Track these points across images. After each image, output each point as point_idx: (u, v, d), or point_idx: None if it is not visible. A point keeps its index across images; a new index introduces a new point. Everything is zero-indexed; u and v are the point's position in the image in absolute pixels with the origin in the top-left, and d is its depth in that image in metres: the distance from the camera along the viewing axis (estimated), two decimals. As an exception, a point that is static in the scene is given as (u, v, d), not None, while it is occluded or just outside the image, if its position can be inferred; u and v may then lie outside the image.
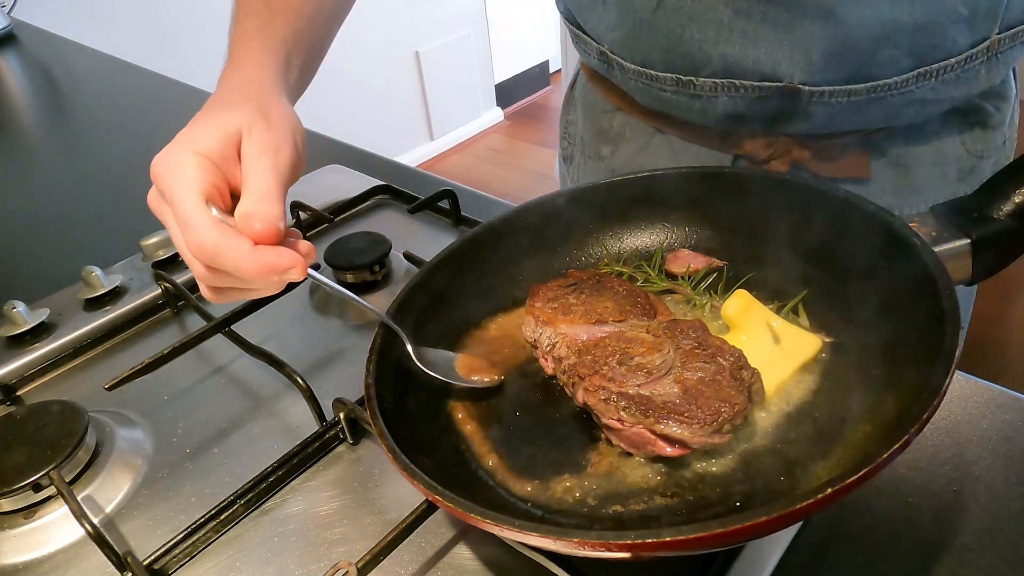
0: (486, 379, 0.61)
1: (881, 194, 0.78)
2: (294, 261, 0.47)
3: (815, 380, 0.56)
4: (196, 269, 0.50)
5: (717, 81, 0.69)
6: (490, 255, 0.70)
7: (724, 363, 0.54)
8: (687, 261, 0.68)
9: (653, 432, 0.50)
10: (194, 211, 0.47)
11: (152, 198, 0.51)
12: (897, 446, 0.39)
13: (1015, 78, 0.81)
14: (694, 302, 0.65)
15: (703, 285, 0.66)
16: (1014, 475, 0.54)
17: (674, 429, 0.50)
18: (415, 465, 0.47)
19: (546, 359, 0.61)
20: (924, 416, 0.40)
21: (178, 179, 0.48)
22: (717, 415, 0.50)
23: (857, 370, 0.54)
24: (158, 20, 2.48)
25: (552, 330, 0.61)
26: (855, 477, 0.38)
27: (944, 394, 0.42)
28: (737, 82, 0.68)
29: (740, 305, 0.60)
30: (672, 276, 0.68)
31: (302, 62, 0.63)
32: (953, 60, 0.65)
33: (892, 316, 0.54)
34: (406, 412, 0.56)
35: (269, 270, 0.47)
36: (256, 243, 0.47)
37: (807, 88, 0.66)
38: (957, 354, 0.43)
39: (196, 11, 2.54)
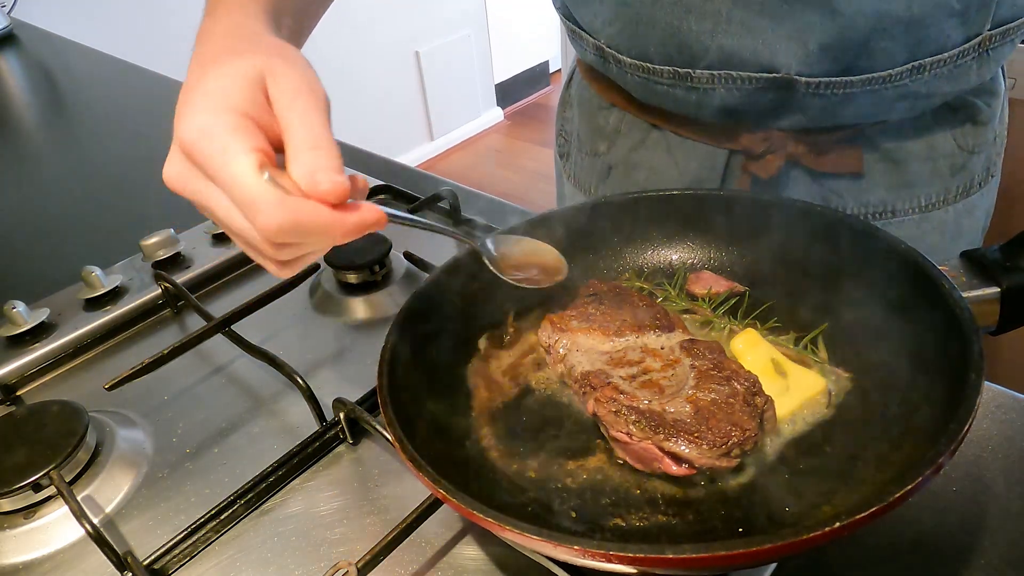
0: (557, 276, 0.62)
1: (874, 189, 0.78)
2: (377, 214, 0.43)
3: (830, 414, 0.55)
4: (260, 249, 0.44)
5: (714, 73, 0.69)
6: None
7: (738, 387, 0.53)
8: (709, 283, 0.67)
9: (661, 449, 0.50)
10: (257, 190, 0.40)
11: (177, 174, 0.44)
12: (911, 486, 0.38)
13: (1004, 75, 0.82)
14: (712, 325, 0.65)
15: (723, 309, 0.65)
16: (1014, 475, 0.54)
17: (682, 448, 0.49)
18: (421, 458, 0.47)
19: (559, 366, 0.61)
20: (940, 459, 0.40)
21: (221, 149, 0.41)
22: (727, 438, 0.49)
23: (873, 407, 0.54)
24: (158, 20, 2.48)
25: (568, 337, 0.61)
26: (866, 513, 0.37)
27: (963, 439, 0.41)
28: (734, 73, 0.68)
29: (748, 340, 0.60)
30: (693, 297, 0.67)
31: (292, 23, 0.57)
32: (946, 55, 0.66)
33: (914, 357, 0.53)
34: (417, 407, 0.56)
35: (358, 230, 0.42)
36: (329, 204, 0.41)
37: (803, 79, 0.67)
38: (978, 401, 0.43)
39: (196, 11, 2.52)
